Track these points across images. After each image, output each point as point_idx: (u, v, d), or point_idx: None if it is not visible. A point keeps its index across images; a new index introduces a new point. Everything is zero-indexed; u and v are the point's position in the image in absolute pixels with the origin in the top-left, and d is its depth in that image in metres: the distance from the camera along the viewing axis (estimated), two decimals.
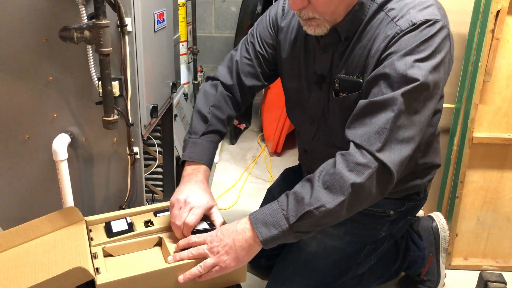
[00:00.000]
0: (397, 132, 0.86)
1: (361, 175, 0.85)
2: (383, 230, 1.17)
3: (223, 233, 0.91)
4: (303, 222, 0.87)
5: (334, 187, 0.86)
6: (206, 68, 2.79)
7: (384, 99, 0.86)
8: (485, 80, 1.33)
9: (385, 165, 0.86)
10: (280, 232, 0.88)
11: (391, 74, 0.87)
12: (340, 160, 0.88)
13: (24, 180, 1.16)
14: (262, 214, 0.90)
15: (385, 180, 0.88)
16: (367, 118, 0.88)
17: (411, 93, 0.86)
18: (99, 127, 1.08)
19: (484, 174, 1.42)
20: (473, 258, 1.50)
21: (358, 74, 0.97)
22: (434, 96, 0.90)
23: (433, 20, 0.88)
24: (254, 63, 1.17)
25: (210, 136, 1.12)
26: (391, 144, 0.86)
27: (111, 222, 0.99)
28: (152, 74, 1.20)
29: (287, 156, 2.42)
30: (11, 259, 0.92)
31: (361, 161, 0.86)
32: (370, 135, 0.86)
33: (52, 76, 1.07)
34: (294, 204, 0.88)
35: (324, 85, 1.05)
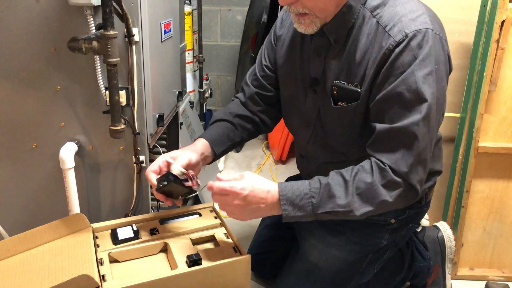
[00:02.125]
0: (420, 154, 0.92)
1: (392, 192, 0.92)
2: (385, 239, 1.17)
3: (251, 197, 0.92)
4: (327, 215, 0.93)
5: (366, 196, 0.92)
6: (211, 76, 2.82)
7: (406, 125, 0.91)
8: (490, 89, 1.33)
9: (412, 185, 0.94)
10: (303, 215, 0.94)
11: (404, 95, 0.90)
12: (377, 171, 0.93)
13: (32, 187, 1.17)
14: (292, 194, 0.93)
15: (411, 198, 0.96)
16: (393, 144, 0.93)
17: (427, 113, 0.90)
18: (106, 135, 1.09)
19: (490, 183, 1.41)
20: (479, 268, 1.49)
21: (356, 83, 0.98)
22: (441, 107, 0.95)
23: (424, 30, 0.90)
24: (260, 75, 1.20)
25: (214, 124, 1.19)
26: (416, 166, 0.93)
27: (117, 230, 0.99)
28: (159, 83, 1.22)
29: (292, 164, 2.42)
30: (18, 265, 0.93)
31: (396, 179, 0.92)
32: (398, 160, 0.92)
33: (60, 85, 1.09)
34: (326, 198, 0.92)
35: (318, 89, 1.06)
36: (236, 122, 1.19)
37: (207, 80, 2.43)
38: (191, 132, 1.88)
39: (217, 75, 2.96)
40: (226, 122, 1.18)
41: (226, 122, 1.18)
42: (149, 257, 0.97)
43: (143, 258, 0.97)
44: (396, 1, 0.95)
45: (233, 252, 0.95)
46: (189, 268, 0.89)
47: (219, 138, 1.14)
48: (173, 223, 1.04)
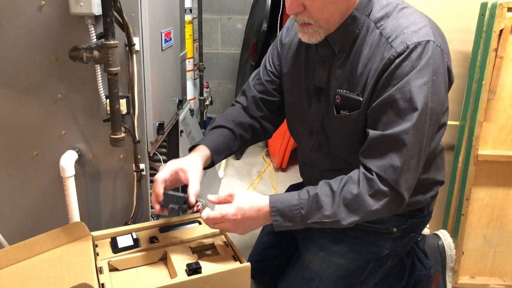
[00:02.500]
0: (409, 163, 0.94)
1: (379, 202, 0.94)
2: (386, 248, 1.17)
3: (243, 220, 0.96)
4: (316, 224, 0.97)
5: (352, 207, 0.94)
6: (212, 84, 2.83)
7: (396, 133, 0.92)
8: (489, 98, 1.33)
9: (400, 194, 0.95)
10: (293, 225, 0.97)
11: (398, 103, 0.91)
12: (364, 182, 0.94)
13: (32, 195, 1.18)
14: (282, 205, 0.97)
15: (398, 206, 0.98)
16: (383, 151, 0.94)
17: (418, 122, 0.92)
18: (106, 144, 1.09)
19: (490, 191, 1.42)
20: (480, 276, 1.49)
21: (358, 92, 0.99)
22: (435, 118, 0.96)
23: (425, 42, 0.91)
24: (264, 80, 1.21)
25: (214, 130, 1.19)
26: (405, 174, 0.94)
27: (117, 238, 0.99)
28: (159, 91, 1.22)
29: (292, 172, 2.42)
30: (18, 273, 0.93)
31: (382, 189, 0.94)
32: (386, 168, 0.93)
33: (61, 94, 1.10)
34: (314, 208, 0.96)
35: (322, 97, 1.07)
36: (237, 131, 1.19)
37: (208, 88, 2.45)
38: (191, 140, 1.89)
39: (218, 83, 2.97)
40: (228, 130, 1.19)
41: (227, 130, 1.18)
42: (148, 265, 0.97)
43: (143, 266, 0.97)
44: (399, 13, 0.97)
45: (233, 260, 0.95)
46: (188, 276, 0.89)
47: (219, 147, 1.15)
48: (173, 231, 1.04)
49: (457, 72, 1.50)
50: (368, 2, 0.98)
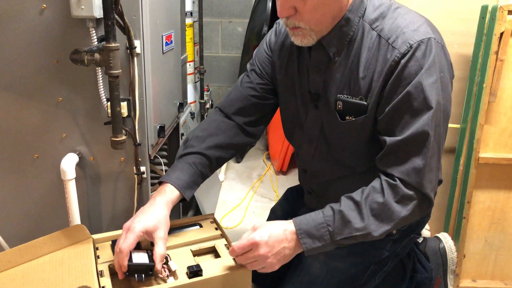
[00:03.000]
0: (430, 163, 0.93)
1: (407, 207, 0.92)
2: (387, 250, 1.16)
3: (272, 241, 0.92)
4: (347, 240, 0.93)
5: (381, 216, 0.92)
6: (212, 87, 2.83)
7: (414, 136, 0.91)
8: (490, 100, 1.33)
9: (426, 195, 0.94)
10: (323, 245, 0.94)
11: (412, 104, 0.90)
12: (388, 189, 0.92)
13: (32, 198, 1.18)
14: (307, 226, 0.93)
15: (426, 207, 0.96)
16: (403, 155, 0.93)
17: (436, 120, 0.91)
18: (107, 146, 1.09)
19: (491, 194, 1.41)
20: (482, 279, 1.49)
21: (362, 96, 0.98)
22: (447, 114, 0.96)
23: (427, 39, 0.91)
24: (254, 83, 1.17)
25: (187, 157, 1.09)
26: (428, 175, 0.93)
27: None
28: (160, 94, 1.22)
29: (293, 175, 2.42)
30: (18, 276, 0.93)
31: (408, 193, 0.92)
32: (409, 171, 0.92)
33: (62, 97, 1.10)
34: (341, 224, 0.92)
35: (320, 104, 1.06)
36: (212, 156, 1.10)
37: (208, 91, 2.45)
38: None
39: (218, 86, 2.98)
40: (201, 156, 1.09)
41: (200, 156, 1.09)
42: None
43: None
44: (394, 12, 0.96)
45: (234, 263, 0.95)
46: (189, 279, 0.88)
47: (189, 183, 1.05)
48: (173, 234, 1.03)
49: (457, 75, 1.50)
50: (360, 3, 0.97)
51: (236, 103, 1.17)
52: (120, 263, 0.88)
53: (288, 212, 1.35)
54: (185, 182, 1.04)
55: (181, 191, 1.02)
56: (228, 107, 1.18)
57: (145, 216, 0.94)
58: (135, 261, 0.88)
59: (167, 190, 1.01)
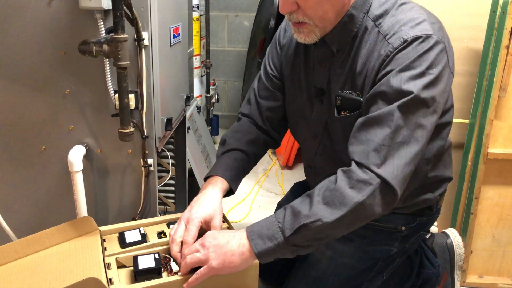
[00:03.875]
0: (397, 148, 0.87)
1: (362, 192, 0.85)
2: (395, 246, 1.16)
3: (219, 233, 0.91)
4: (299, 235, 0.87)
5: (333, 203, 0.86)
6: (218, 81, 2.83)
7: (380, 114, 0.88)
8: (500, 95, 1.32)
9: (387, 181, 0.86)
10: (276, 245, 0.87)
11: (387, 91, 0.88)
12: (341, 176, 0.88)
13: (40, 190, 1.18)
14: (258, 226, 0.90)
15: (388, 197, 0.88)
16: (364, 135, 0.89)
17: (407, 107, 0.87)
18: (115, 139, 1.09)
19: (500, 190, 1.40)
20: (489, 276, 1.48)
21: (358, 92, 0.97)
22: (434, 111, 0.90)
23: (425, 36, 0.88)
24: (269, 85, 1.19)
25: (229, 153, 1.14)
26: (392, 160, 0.86)
27: (125, 233, 0.99)
28: (167, 87, 1.22)
29: (298, 170, 2.42)
30: (26, 267, 0.93)
31: (363, 177, 0.86)
32: (369, 152, 0.87)
33: (70, 89, 1.09)
34: (291, 217, 0.88)
35: (325, 99, 1.05)
36: (250, 151, 1.15)
37: (214, 85, 2.44)
38: (198, 137, 1.89)
39: (224, 81, 2.97)
40: (241, 152, 1.14)
41: (241, 152, 1.14)
42: None
43: None
44: (398, 9, 0.94)
45: None
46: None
47: (236, 176, 1.10)
48: None
49: (467, 70, 1.49)
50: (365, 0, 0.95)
51: (256, 109, 1.20)
52: (187, 253, 0.89)
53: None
54: (232, 175, 1.08)
55: (230, 183, 1.07)
56: (251, 113, 1.21)
57: (202, 207, 0.98)
58: (141, 266, 0.88)
59: (217, 181, 1.05)
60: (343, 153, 1.05)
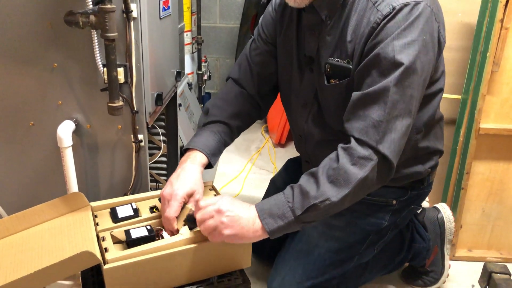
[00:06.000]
0: (394, 122, 0.89)
1: (364, 168, 0.88)
2: (386, 220, 1.17)
3: (234, 204, 0.90)
4: (309, 214, 0.90)
5: (338, 181, 0.89)
6: (210, 58, 2.79)
7: (376, 90, 0.89)
8: (493, 70, 1.31)
9: (386, 156, 0.89)
10: (286, 224, 0.90)
11: (381, 62, 0.88)
12: (342, 154, 0.90)
13: (29, 166, 1.16)
14: (268, 205, 0.92)
15: (386, 170, 0.92)
16: (362, 111, 0.90)
17: (401, 79, 0.88)
18: (104, 114, 1.07)
19: (490, 165, 1.41)
20: (477, 249, 1.50)
21: (348, 59, 0.97)
22: (424, 79, 0.92)
23: (414, 3, 0.88)
24: (263, 50, 1.17)
25: (210, 126, 1.12)
26: (389, 135, 0.89)
27: (116, 208, 0.99)
28: (157, 61, 1.20)
29: (291, 148, 2.41)
30: (17, 243, 0.92)
31: (363, 154, 0.89)
32: (368, 129, 0.89)
33: (57, 63, 1.07)
34: (300, 197, 0.90)
35: (314, 68, 1.05)
36: (234, 125, 1.14)
37: (206, 62, 2.41)
38: (189, 114, 1.87)
39: (216, 58, 2.93)
40: (224, 125, 1.12)
41: (223, 125, 1.12)
42: None
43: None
44: None
45: None
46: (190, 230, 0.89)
47: (216, 149, 1.08)
48: None
49: (460, 45, 1.48)
50: None
51: (247, 74, 1.18)
52: (171, 229, 0.92)
53: (287, 182, 1.35)
54: (211, 149, 1.07)
55: (209, 157, 1.05)
56: (241, 78, 1.19)
57: (183, 183, 0.97)
58: (134, 235, 0.88)
59: (196, 156, 1.04)
60: (332, 120, 1.06)
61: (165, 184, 0.98)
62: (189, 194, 0.97)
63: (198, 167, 1.02)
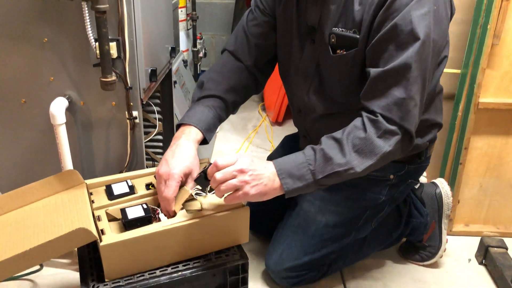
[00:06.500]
0: (414, 98, 0.90)
1: (389, 142, 0.90)
2: (383, 195, 1.16)
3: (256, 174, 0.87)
4: (329, 179, 0.91)
5: (363, 151, 0.90)
6: (205, 35, 2.74)
7: (396, 68, 0.88)
8: (494, 43, 1.29)
9: (408, 131, 0.92)
10: (304, 185, 0.91)
11: (399, 36, 0.87)
12: (369, 125, 0.90)
13: (23, 144, 1.15)
14: (288, 165, 0.91)
15: (407, 144, 0.94)
16: (384, 89, 0.90)
17: (420, 53, 0.87)
18: (98, 90, 1.05)
19: (489, 140, 1.40)
20: (474, 224, 1.50)
21: (355, 29, 0.95)
22: (438, 50, 0.93)
23: None
24: (261, 21, 1.14)
25: (205, 100, 1.09)
26: (411, 111, 0.91)
27: (112, 185, 0.98)
28: (151, 36, 1.17)
29: (288, 126, 2.40)
30: (12, 221, 0.92)
31: (390, 128, 0.90)
32: (391, 106, 0.90)
33: (48, 37, 1.04)
34: (322, 161, 0.90)
35: (316, 38, 1.03)
36: (229, 99, 1.11)
37: (201, 39, 2.37)
38: (185, 92, 1.84)
39: (211, 35, 2.88)
40: (219, 100, 1.09)
41: (219, 100, 1.09)
42: None
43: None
44: None
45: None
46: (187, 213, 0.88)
47: (210, 125, 1.06)
48: None
49: (461, 18, 1.45)
50: None
51: (243, 46, 1.15)
52: (168, 209, 0.91)
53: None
54: (206, 124, 1.04)
55: (204, 133, 1.03)
56: (237, 50, 1.15)
57: (179, 161, 0.94)
58: (131, 216, 0.87)
59: (191, 132, 1.01)
60: (334, 93, 1.04)
61: (160, 162, 0.96)
62: (186, 173, 0.94)
63: (193, 144, 1.00)
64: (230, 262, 0.90)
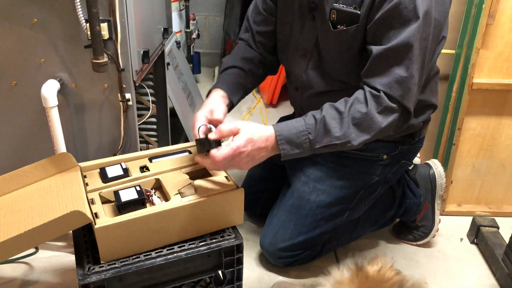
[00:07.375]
0: (414, 76, 0.92)
1: (388, 118, 0.93)
2: (376, 175, 1.17)
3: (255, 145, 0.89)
4: (325, 148, 0.95)
5: (362, 125, 0.93)
6: (198, 16, 2.69)
7: (399, 46, 0.89)
8: (488, 23, 1.28)
9: (407, 109, 0.94)
10: (301, 152, 0.94)
11: (401, 13, 0.88)
12: (371, 100, 0.92)
13: (15, 127, 1.13)
14: (287, 132, 0.93)
15: (405, 120, 0.97)
16: (386, 67, 0.92)
17: (422, 32, 0.89)
18: (89, 72, 1.04)
19: (482, 121, 1.41)
20: (467, 204, 1.52)
21: (356, 5, 0.95)
22: (439, 29, 0.94)
23: None
24: (262, 8, 1.16)
25: (225, 72, 1.15)
26: (411, 89, 0.93)
27: (106, 168, 0.97)
28: (143, 17, 1.15)
29: (283, 108, 2.39)
30: (6, 205, 0.91)
31: (390, 106, 0.92)
32: (392, 83, 0.91)
33: (37, 18, 1.02)
34: (322, 133, 0.93)
35: (317, 15, 1.03)
36: (247, 68, 1.16)
37: (194, 20, 2.33)
38: (178, 74, 1.82)
39: (205, 16, 2.83)
40: (237, 69, 1.15)
41: (237, 69, 1.15)
42: None
43: None
44: None
45: (226, 180, 0.94)
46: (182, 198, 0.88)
47: (234, 87, 1.11)
48: (162, 160, 1.01)
49: None
50: None
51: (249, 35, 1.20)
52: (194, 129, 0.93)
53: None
54: (229, 88, 1.09)
55: (228, 94, 1.07)
56: (247, 38, 1.21)
57: (204, 107, 1.00)
58: (124, 199, 0.86)
59: (217, 91, 1.07)
60: (333, 69, 1.05)
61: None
62: (211, 111, 0.98)
63: (219, 93, 1.06)
64: (225, 243, 0.90)
